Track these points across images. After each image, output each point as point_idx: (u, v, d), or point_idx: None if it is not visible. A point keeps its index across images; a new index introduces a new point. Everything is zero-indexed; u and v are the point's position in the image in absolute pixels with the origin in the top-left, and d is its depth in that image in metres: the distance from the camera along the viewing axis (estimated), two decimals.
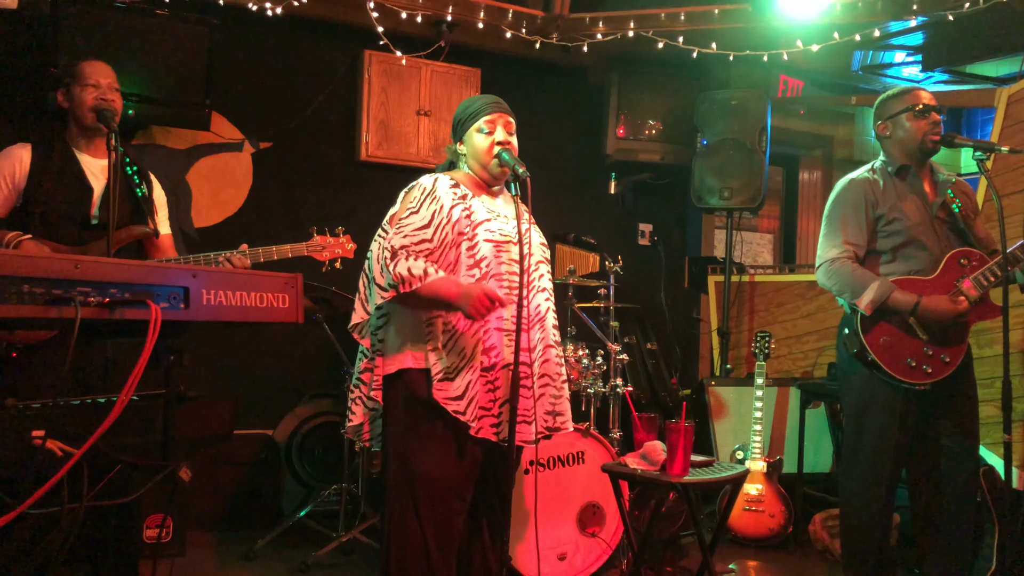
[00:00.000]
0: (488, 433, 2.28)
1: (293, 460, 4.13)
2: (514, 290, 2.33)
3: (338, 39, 4.55)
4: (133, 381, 1.55)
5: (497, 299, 2.20)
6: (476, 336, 2.29)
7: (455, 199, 2.36)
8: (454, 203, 2.34)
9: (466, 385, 2.25)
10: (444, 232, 2.31)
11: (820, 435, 4.45)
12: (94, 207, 2.76)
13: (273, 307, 1.89)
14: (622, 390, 3.73)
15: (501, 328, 2.32)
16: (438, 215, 2.31)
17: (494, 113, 2.43)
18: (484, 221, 2.36)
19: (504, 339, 2.33)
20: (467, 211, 2.35)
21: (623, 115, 5.16)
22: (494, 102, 2.46)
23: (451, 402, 2.24)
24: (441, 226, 2.31)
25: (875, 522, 2.88)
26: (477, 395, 2.27)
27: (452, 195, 2.36)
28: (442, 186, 2.37)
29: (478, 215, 2.36)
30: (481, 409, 2.27)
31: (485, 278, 2.31)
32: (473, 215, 2.35)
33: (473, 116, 2.44)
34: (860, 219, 2.89)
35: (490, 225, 2.37)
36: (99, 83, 2.76)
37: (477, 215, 2.36)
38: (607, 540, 3.40)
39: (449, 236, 2.31)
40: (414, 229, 2.30)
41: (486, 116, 2.42)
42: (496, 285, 2.32)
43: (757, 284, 5.12)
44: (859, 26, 4.37)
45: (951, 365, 2.79)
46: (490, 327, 2.31)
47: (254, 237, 3.10)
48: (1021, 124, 3.82)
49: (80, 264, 1.50)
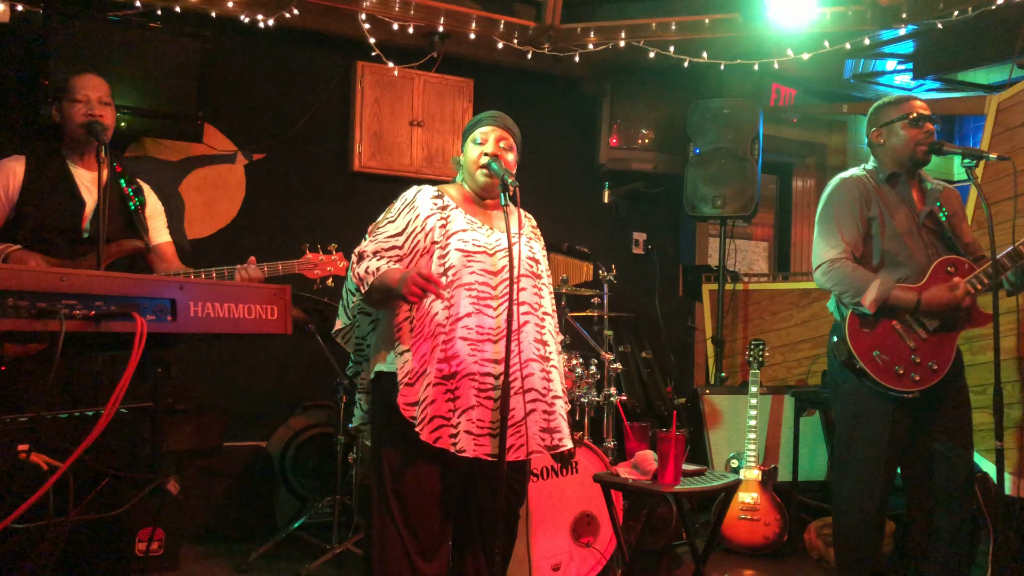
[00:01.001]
0: (446, 443, 2.24)
1: (287, 472, 4.12)
2: (482, 299, 2.32)
3: (330, 50, 4.56)
4: (119, 394, 1.54)
5: (430, 277, 2.19)
6: (435, 343, 2.29)
7: (433, 209, 2.38)
8: (431, 213, 2.37)
9: (423, 391, 2.25)
10: (416, 240, 2.35)
11: (815, 443, 4.45)
12: (86, 220, 2.76)
13: (262, 319, 1.88)
14: (616, 399, 3.72)
15: (466, 338, 2.30)
16: (412, 223, 2.37)
17: (490, 126, 2.46)
18: (460, 231, 2.36)
19: (468, 348, 2.29)
20: (443, 220, 2.37)
21: (616, 124, 5.17)
22: (494, 116, 2.49)
23: (408, 407, 2.25)
24: (414, 234, 2.35)
25: (868, 530, 2.87)
26: (434, 402, 2.25)
27: (432, 205, 2.39)
28: (423, 197, 2.41)
29: (454, 225, 2.37)
30: (440, 419, 2.25)
31: (451, 286, 2.31)
32: (449, 225, 2.37)
33: (472, 127, 2.49)
34: (855, 218, 2.89)
35: (465, 235, 2.36)
36: (89, 97, 2.76)
37: (453, 225, 2.37)
38: (601, 550, 3.39)
39: (421, 244, 2.34)
40: (387, 236, 2.37)
41: (482, 128, 2.46)
42: (465, 294, 2.31)
43: (751, 292, 5.13)
44: (849, 34, 4.40)
45: (939, 373, 2.79)
46: (454, 335, 2.29)
47: (248, 249, 3.11)
48: (1011, 131, 3.84)
49: (65, 277, 1.50)
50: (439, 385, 2.27)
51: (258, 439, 4.22)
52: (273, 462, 4.13)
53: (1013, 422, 3.55)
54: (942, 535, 2.86)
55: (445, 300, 2.29)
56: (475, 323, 2.30)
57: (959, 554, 2.87)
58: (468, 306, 2.30)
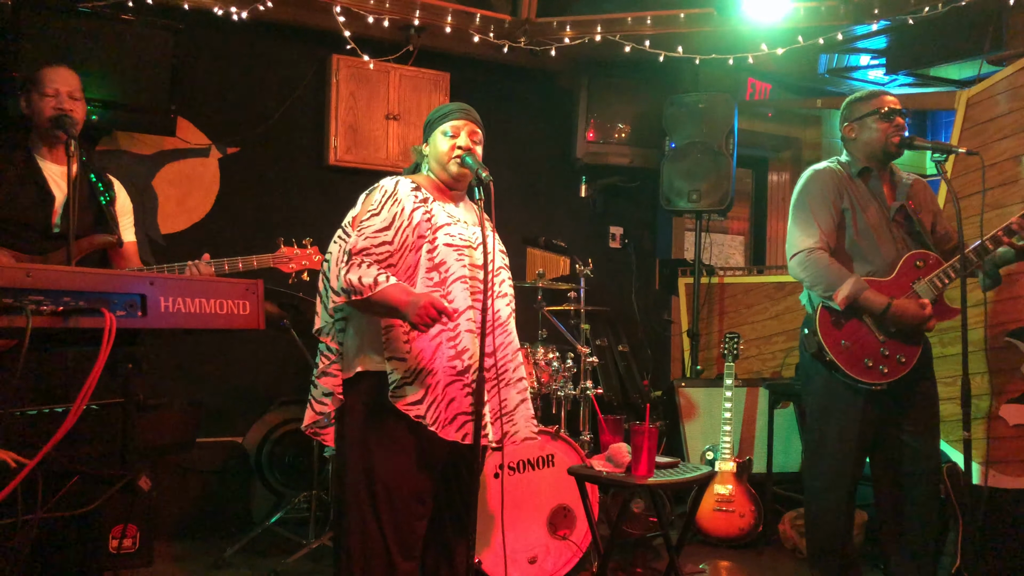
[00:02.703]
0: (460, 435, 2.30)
1: (263, 467, 4.11)
2: (475, 294, 2.34)
3: (305, 43, 4.53)
4: (88, 390, 1.53)
5: (444, 310, 2.18)
6: (439, 339, 2.29)
7: (416, 202, 2.36)
8: (415, 206, 2.35)
9: (426, 389, 2.25)
10: (404, 235, 2.32)
11: (789, 435, 4.49)
12: (55, 215, 2.73)
13: (233, 314, 1.87)
14: (591, 392, 3.74)
15: (472, 331, 2.33)
16: (399, 217, 2.32)
17: (461, 119, 2.45)
18: (444, 225, 2.37)
19: (475, 341, 2.32)
20: (428, 214, 2.36)
21: (592, 118, 5.18)
22: (463, 109, 2.48)
23: (412, 407, 2.24)
24: (402, 228, 2.32)
25: (838, 520, 2.91)
26: (453, 400, 2.29)
27: (414, 198, 2.37)
28: (403, 189, 2.38)
29: (438, 219, 2.37)
30: (463, 415, 2.30)
31: (445, 283, 2.31)
32: (434, 219, 2.36)
33: (440, 119, 2.46)
34: (829, 208, 2.91)
35: (450, 229, 2.37)
36: (58, 91, 2.72)
37: (438, 219, 2.37)
38: (577, 543, 3.41)
39: (410, 239, 2.32)
40: (375, 231, 2.30)
41: (452, 121, 2.44)
42: (460, 288, 2.32)
43: (726, 286, 5.17)
44: (822, 29, 4.44)
45: (907, 365, 2.82)
46: (460, 329, 2.31)
47: (222, 243, 3.09)
48: (979, 126, 3.89)
49: (32, 272, 1.49)
50: (455, 382, 2.30)
51: (234, 435, 4.20)
52: (249, 457, 4.12)
53: (981, 412, 3.61)
54: (911, 524, 2.90)
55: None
56: (476, 316, 2.32)
57: (927, 543, 2.92)
58: (467, 299, 2.33)
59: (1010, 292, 3.62)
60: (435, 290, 2.29)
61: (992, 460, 3.58)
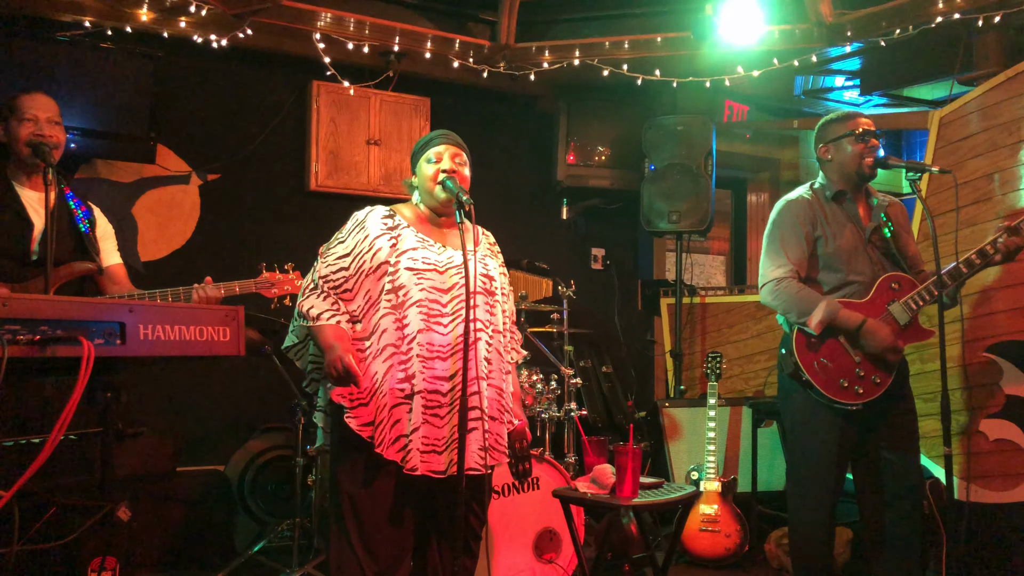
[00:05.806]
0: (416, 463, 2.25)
1: (246, 495, 4.06)
2: (432, 316, 2.33)
3: (285, 70, 4.55)
4: (65, 420, 1.52)
5: (351, 369, 2.23)
6: (391, 361, 2.30)
7: (383, 229, 2.40)
8: (380, 233, 2.39)
9: (376, 410, 2.27)
10: (362, 260, 2.37)
11: (773, 453, 4.50)
12: (34, 243, 2.71)
13: (214, 340, 1.87)
14: (576, 414, 3.74)
15: (419, 355, 2.31)
16: (360, 244, 2.39)
17: (442, 144, 2.48)
18: (410, 249, 2.38)
19: (420, 365, 2.30)
20: (393, 240, 2.39)
21: (572, 142, 5.22)
22: (444, 134, 2.52)
23: (364, 428, 2.27)
24: (360, 255, 2.38)
25: (820, 538, 2.92)
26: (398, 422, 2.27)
27: (382, 225, 2.41)
28: (373, 217, 2.44)
29: (404, 243, 2.39)
30: (404, 438, 2.27)
31: (402, 306, 2.32)
32: (399, 243, 2.38)
33: (424, 147, 2.50)
34: (800, 239, 2.95)
35: (415, 254, 2.37)
36: (36, 117, 2.72)
37: (403, 243, 2.38)
38: (564, 566, 3.39)
39: (367, 264, 2.36)
40: (336, 258, 2.41)
41: (435, 147, 2.48)
42: (415, 312, 2.32)
43: (708, 305, 5.19)
44: (797, 51, 4.50)
45: (882, 386, 2.84)
46: (412, 354, 2.30)
47: (203, 270, 3.07)
48: (952, 145, 3.95)
49: (8, 301, 1.48)
50: (401, 405, 2.29)
51: (216, 463, 4.15)
52: (231, 486, 4.06)
53: (960, 428, 3.63)
54: (894, 540, 2.91)
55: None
56: (426, 340, 2.31)
57: (912, 558, 2.92)
58: (419, 323, 2.32)
59: (987, 308, 3.66)
60: (392, 313, 2.32)
61: (974, 475, 3.60)
